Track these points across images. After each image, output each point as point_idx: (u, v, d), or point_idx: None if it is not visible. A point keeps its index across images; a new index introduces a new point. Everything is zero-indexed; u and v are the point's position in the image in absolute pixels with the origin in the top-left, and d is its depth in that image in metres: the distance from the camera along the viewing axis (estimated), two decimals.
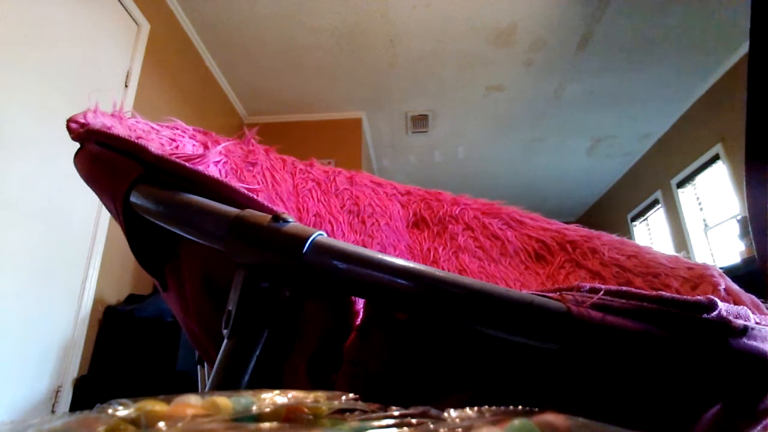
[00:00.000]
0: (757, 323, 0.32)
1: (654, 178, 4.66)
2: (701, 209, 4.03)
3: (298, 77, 3.53)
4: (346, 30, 3.06)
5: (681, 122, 4.16)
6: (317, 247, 0.34)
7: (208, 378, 0.38)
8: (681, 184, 4.24)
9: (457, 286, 0.32)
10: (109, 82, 2.27)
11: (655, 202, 4.72)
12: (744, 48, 3.22)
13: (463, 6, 2.88)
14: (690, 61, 3.41)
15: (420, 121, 4.14)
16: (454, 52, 3.25)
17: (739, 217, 3.15)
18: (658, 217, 4.75)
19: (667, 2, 2.85)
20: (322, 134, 4.00)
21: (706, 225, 3.95)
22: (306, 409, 0.22)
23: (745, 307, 0.33)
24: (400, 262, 0.34)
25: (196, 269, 0.47)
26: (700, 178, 4.01)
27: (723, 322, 0.29)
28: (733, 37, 3.11)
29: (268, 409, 0.21)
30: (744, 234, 2.92)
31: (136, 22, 2.48)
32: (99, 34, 2.22)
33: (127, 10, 2.39)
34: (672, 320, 0.30)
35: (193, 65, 3.22)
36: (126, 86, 2.37)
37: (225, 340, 0.37)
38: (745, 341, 0.29)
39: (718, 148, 3.61)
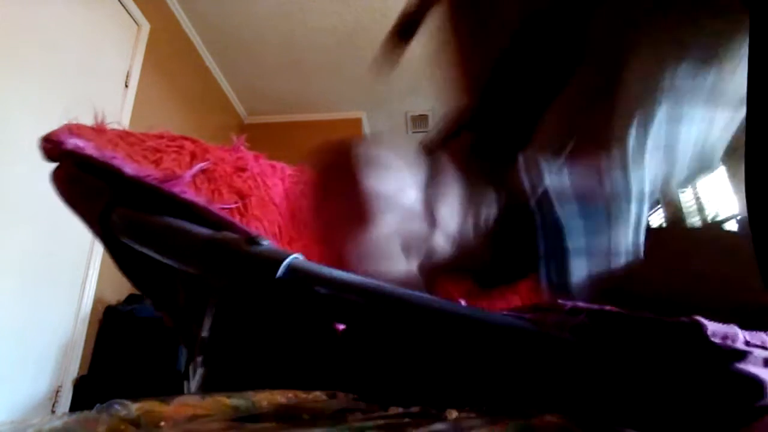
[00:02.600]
0: (746, 341, 0.31)
1: None
2: (701, 209, 4.03)
3: (298, 77, 3.53)
4: (347, 30, 3.06)
5: None
6: (292, 270, 0.33)
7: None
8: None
9: (436, 310, 0.32)
10: (109, 82, 2.27)
11: (656, 202, 4.72)
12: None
13: None
14: None
15: (420, 121, 4.14)
16: None
17: (739, 217, 3.15)
18: (658, 217, 4.74)
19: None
20: (322, 134, 4.00)
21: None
22: (306, 409, 0.22)
23: (734, 326, 0.32)
24: (377, 285, 0.33)
25: (185, 288, 0.46)
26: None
27: (718, 347, 0.29)
28: None
29: (268, 409, 0.21)
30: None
31: (136, 23, 2.48)
32: (99, 34, 2.22)
33: (127, 10, 2.39)
34: (658, 341, 0.30)
35: (193, 65, 3.22)
36: (126, 86, 2.37)
37: (199, 368, 0.36)
38: (736, 364, 0.30)
39: None
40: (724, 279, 0.49)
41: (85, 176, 0.47)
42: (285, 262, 0.33)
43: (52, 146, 0.49)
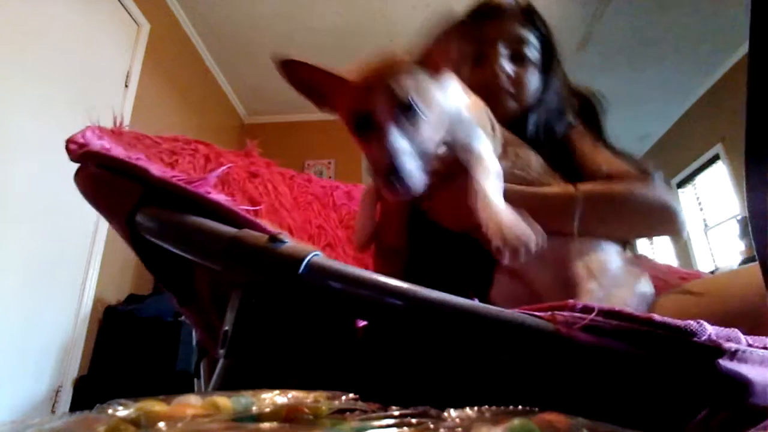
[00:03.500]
0: (749, 344, 0.32)
1: None
2: (701, 209, 4.03)
3: None
4: (346, 30, 3.06)
5: (681, 122, 4.16)
6: (313, 267, 0.34)
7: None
8: (681, 184, 4.23)
9: (449, 306, 0.32)
10: (109, 82, 2.27)
11: None
12: (744, 48, 3.21)
13: (463, 6, 2.88)
14: (690, 61, 3.41)
15: None
16: None
17: (739, 217, 3.15)
18: None
19: (667, 2, 2.85)
20: (322, 134, 3.99)
21: (706, 225, 3.95)
22: (306, 409, 0.22)
23: (736, 330, 0.33)
24: (393, 282, 0.34)
25: (206, 283, 0.47)
26: (700, 178, 4.01)
27: (713, 346, 0.30)
28: (733, 37, 3.11)
29: (268, 409, 0.21)
30: (744, 234, 2.92)
31: (136, 22, 2.48)
32: (99, 34, 2.22)
33: (127, 10, 2.39)
34: (662, 342, 0.30)
35: (193, 65, 3.22)
36: (126, 86, 2.37)
37: (221, 360, 0.37)
38: (736, 363, 0.30)
39: (718, 148, 3.61)
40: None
41: (110, 177, 0.48)
42: (306, 259, 0.34)
43: (77, 147, 0.50)
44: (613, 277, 0.60)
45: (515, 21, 0.81)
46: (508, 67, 0.77)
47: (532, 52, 0.79)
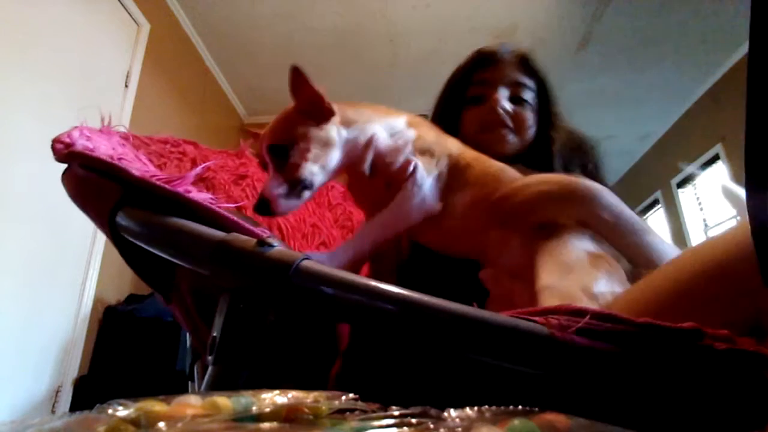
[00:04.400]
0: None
1: (654, 178, 4.65)
2: (701, 209, 4.03)
3: None
4: (346, 30, 3.06)
5: (681, 122, 4.15)
6: (302, 272, 0.34)
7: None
8: (681, 184, 4.23)
9: (442, 311, 0.32)
10: (109, 82, 2.27)
11: (655, 202, 4.71)
12: (744, 48, 3.21)
13: (463, 6, 2.87)
14: (690, 61, 3.40)
15: None
16: (455, 52, 3.24)
17: (739, 218, 3.15)
18: (658, 217, 4.74)
19: (667, 2, 2.84)
20: None
21: (706, 225, 3.94)
22: (306, 409, 0.22)
23: (728, 333, 0.32)
24: (384, 286, 0.33)
25: (189, 286, 0.47)
26: (700, 178, 4.01)
27: (708, 345, 0.30)
28: (733, 37, 3.11)
29: (268, 409, 0.21)
30: None
31: (136, 22, 2.48)
32: (99, 34, 2.22)
33: (127, 10, 2.39)
34: (658, 343, 0.30)
35: (193, 65, 3.22)
36: (126, 86, 2.37)
37: (210, 367, 0.36)
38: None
39: (718, 148, 3.60)
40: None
41: (93, 177, 0.48)
42: (295, 264, 0.34)
43: (62, 147, 0.50)
44: (569, 269, 0.59)
45: (513, 67, 0.89)
46: (507, 105, 0.85)
47: (529, 95, 0.89)
